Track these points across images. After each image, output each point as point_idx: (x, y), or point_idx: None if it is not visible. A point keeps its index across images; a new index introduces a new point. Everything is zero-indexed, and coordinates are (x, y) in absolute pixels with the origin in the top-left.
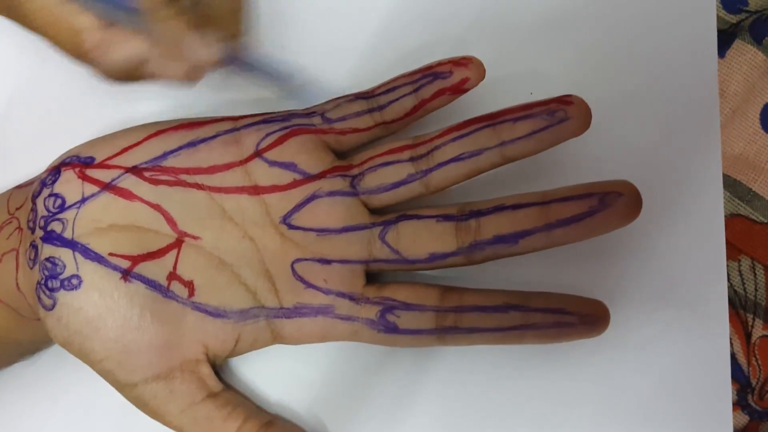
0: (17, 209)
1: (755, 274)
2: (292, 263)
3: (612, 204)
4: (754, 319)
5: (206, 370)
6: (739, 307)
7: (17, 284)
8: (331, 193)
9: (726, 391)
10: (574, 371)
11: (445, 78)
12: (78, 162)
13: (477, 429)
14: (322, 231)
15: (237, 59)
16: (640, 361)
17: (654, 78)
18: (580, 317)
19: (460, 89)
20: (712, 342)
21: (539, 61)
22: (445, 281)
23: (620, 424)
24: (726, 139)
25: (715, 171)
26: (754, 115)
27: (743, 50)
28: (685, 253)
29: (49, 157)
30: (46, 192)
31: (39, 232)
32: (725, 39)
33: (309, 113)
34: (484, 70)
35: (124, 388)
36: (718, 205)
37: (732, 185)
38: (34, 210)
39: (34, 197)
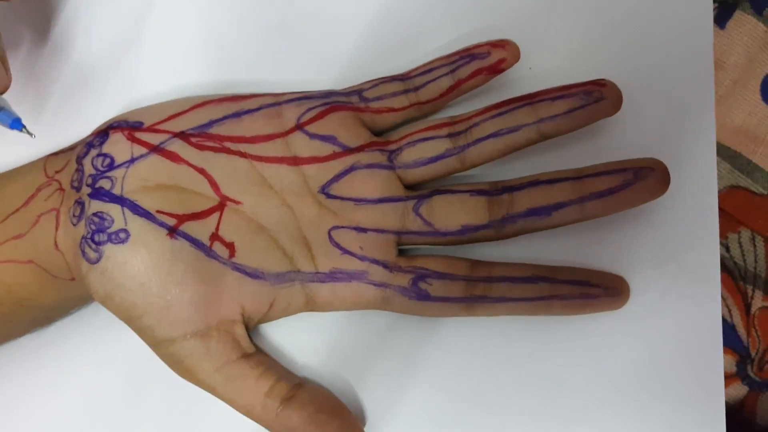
0: (57, 172)
1: (755, 245)
2: (329, 230)
3: (646, 177)
4: (753, 291)
5: (241, 332)
6: (739, 278)
7: (56, 243)
8: (370, 166)
9: (718, 358)
10: (570, 339)
11: (482, 58)
12: (127, 126)
13: (478, 389)
14: (359, 201)
15: None
16: (634, 328)
17: (649, 50)
18: (604, 289)
19: (497, 69)
20: (705, 311)
21: (532, 35)
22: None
23: (615, 390)
24: (726, 110)
25: (710, 144)
26: (755, 86)
27: (743, 21)
28: (679, 223)
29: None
30: (94, 152)
31: (86, 189)
32: (726, 10)
33: (347, 92)
34: (519, 53)
35: (160, 344)
36: (712, 175)
37: (732, 157)
38: (79, 170)
39: (80, 159)
